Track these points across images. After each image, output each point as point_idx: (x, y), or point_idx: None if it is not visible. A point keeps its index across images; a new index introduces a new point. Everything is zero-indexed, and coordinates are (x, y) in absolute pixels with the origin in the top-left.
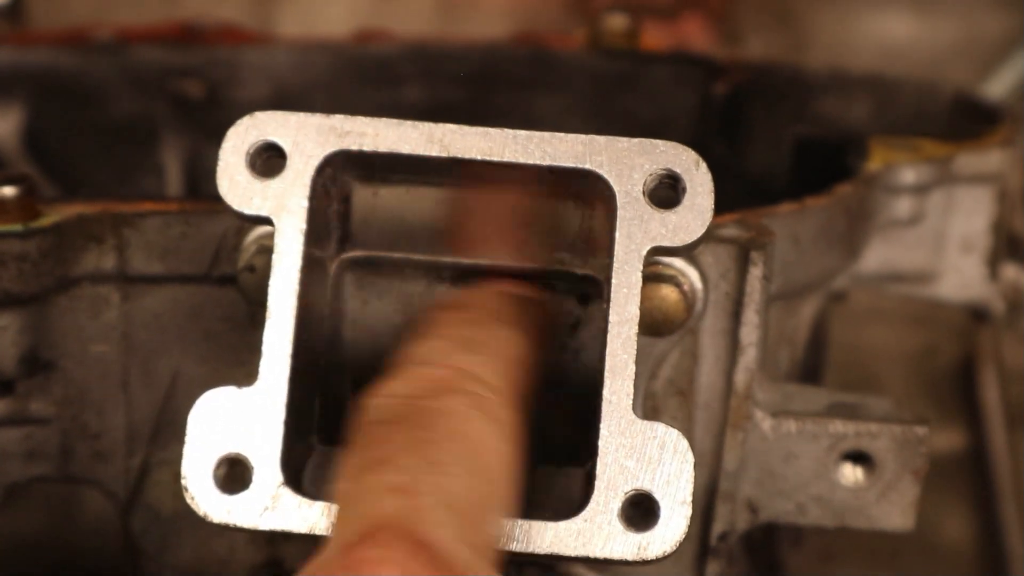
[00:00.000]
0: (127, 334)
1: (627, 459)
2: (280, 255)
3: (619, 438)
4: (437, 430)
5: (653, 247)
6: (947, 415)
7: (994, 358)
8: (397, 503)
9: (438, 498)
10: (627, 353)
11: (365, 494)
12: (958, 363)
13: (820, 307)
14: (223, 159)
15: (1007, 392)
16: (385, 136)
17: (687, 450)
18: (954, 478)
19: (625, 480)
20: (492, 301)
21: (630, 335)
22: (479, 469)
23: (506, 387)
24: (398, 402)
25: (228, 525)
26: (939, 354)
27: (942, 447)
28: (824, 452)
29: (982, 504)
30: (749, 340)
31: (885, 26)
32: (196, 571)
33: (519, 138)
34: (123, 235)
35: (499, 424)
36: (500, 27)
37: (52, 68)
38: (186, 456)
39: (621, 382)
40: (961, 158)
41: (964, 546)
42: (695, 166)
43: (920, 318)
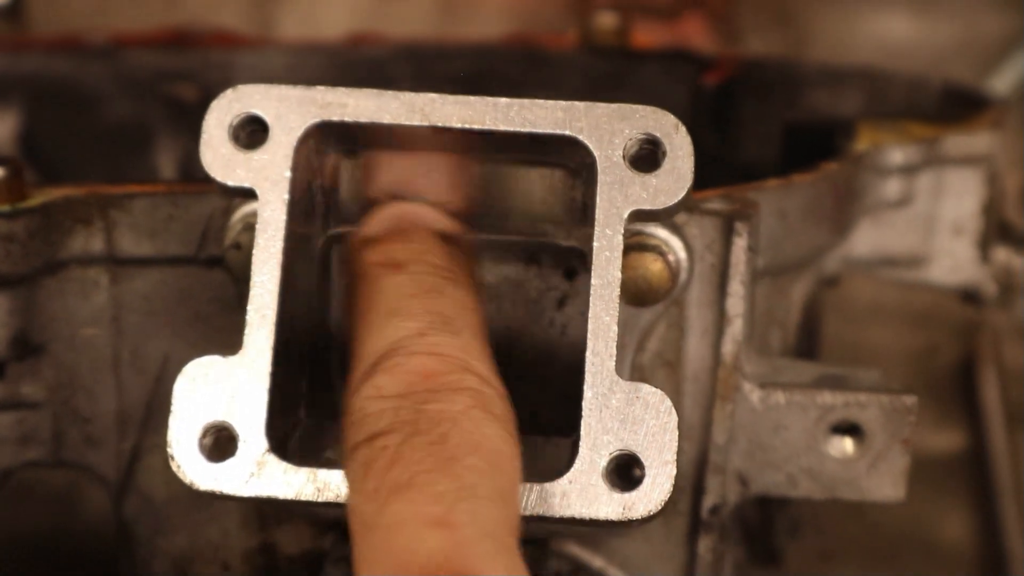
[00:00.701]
0: (117, 317)
1: (611, 420)
2: (263, 225)
3: (602, 399)
4: (452, 442)
5: (634, 211)
6: (947, 415)
7: (994, 358)
8: (440, 539)
9: (478, 528)
10: (609, 315)
11: (400, 528)
12: (958, 363)
13: (811, 290)
14: (206, 132)
15: (1007, 392)
16: (366, 106)
17: (671, 410)
18: (954, 478)
19: (609, 441)
20: (433, 252)
21: (612, 297)
22: (503, 484)
23: (493, 373)
24: (395, 405)
25: (214, 493)
26: (939, 354)
27: (942, 447)
28: (813, 423)
29: (982, 504)
30: (735, 311)
31: (885, 26)
32: (189, 557)
33: (499, 106)
34: (111, 217)
35: (503, 423)
36: (500, 27)
37: (47, 73)
38: (172, 425)
39: (604, 344)
40: (949, 139)
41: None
42: (675, 130)
43: (920, 318)
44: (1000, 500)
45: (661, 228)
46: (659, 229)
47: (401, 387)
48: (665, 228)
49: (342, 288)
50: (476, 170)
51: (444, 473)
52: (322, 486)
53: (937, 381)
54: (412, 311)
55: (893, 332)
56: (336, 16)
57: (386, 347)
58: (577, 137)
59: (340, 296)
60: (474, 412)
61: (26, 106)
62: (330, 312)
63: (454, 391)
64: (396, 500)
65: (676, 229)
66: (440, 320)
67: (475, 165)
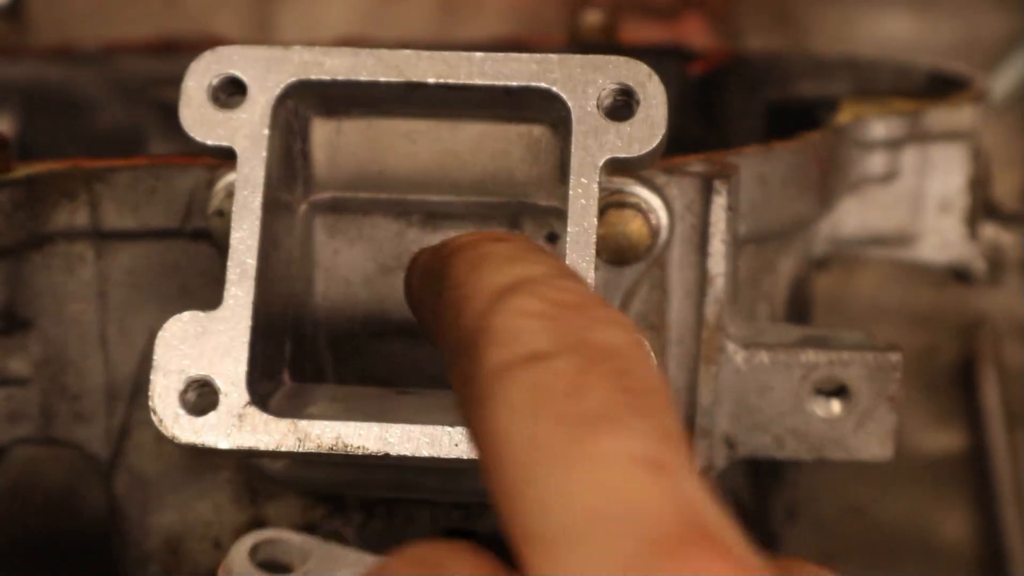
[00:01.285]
0: (103, 292)
1: None
2: (243, 182)
3: None
4: (634, 376)
5: (610, 159)
6: (947, 415)
7: (994, 358)
8: (662, 485)
9: (692, 476)
10: (586, 262)
11: (608, 464)
12: (958, 363)
13: (800, 269)
14: (185, 93)
15: (1007, 392)
16: (342, 64)
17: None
18: (954, 478)
19: None
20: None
21: (589, 244)
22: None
23: None
24: (552, 326)
25: (195, 445)
26: (939, 354)
27: (942, 447)
28: (797, 382)
29: (982, 504)
30: (717, 270)
31: (885, 26)
32: (180, 534)
33: (474, 60)
34: (95, 190)
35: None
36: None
37: (41, 79)
38: (153, 380)
39: None
40: (932, 113)
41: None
42: (648, 79)
43: (920, 318)
44: (1000, 500)
45: (641, 187)
46: (638, 187)
47: (551, 310)
48: (644, 187)
49: (328, 256)
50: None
51: (639, 411)
52: (303, 436)
53: (937, 381)
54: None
55: (893, 332)
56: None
57: (511, 281)
58: (551, 88)
59: (325, 265)
60: (640, 348)
61: (20, 111)
62: (315, 280)
63: (612, 324)
64: (598, 433)
65: (655, 188)
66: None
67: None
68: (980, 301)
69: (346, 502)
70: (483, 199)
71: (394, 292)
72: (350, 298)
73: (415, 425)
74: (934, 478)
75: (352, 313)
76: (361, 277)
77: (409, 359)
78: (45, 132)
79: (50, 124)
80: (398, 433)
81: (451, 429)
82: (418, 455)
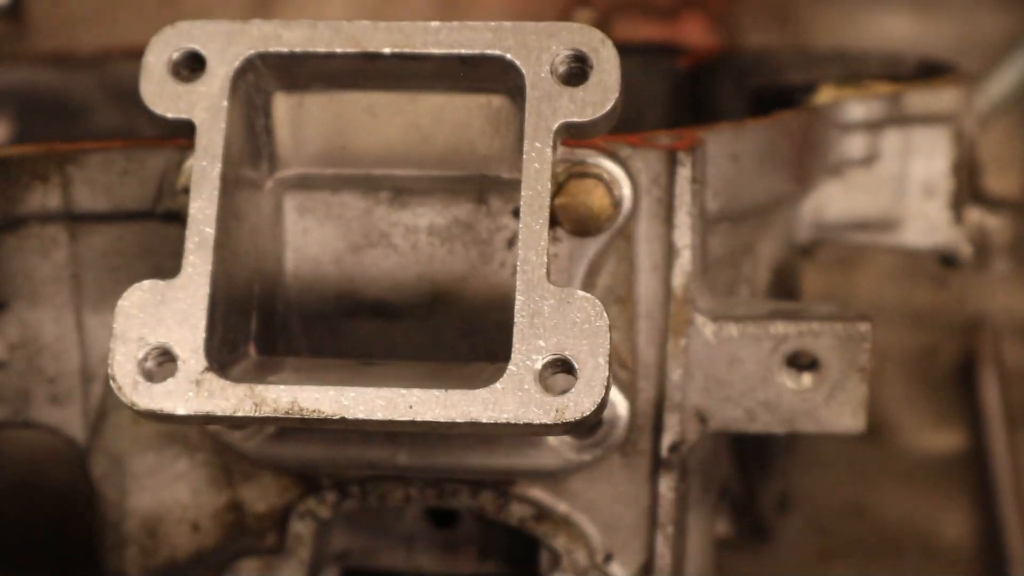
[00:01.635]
0: (77, 275)
1: (543, 325)
2: (201, 153)
3: (535, 305)
4: None
5: (563, 123)
6: (947, 415)
7: (994, 358)
8: None
9: None
10: (539, 224)
11: None
12: (958, 363)
13: (782, 253)
14: (146, 68)
15: (1007, 392)
16: (299, 36)
17: (602, 313)
18: (954, 478)
19: (541, 345)
20: None
21: (543, 206)
22: None
23: None
24: None
25: (154, 412)
26: (939, 354)
27: (942, 447)
28: (767, 354)
29: (982, 504)
30: (683, 243)
31: (885, 26)
32: (158, 516)
33: (430, 29)
34: (67, 172)
35: None
36: None
37: (37, 84)
38: (113, 348)
39: (535, 252)
40: (912, 96)
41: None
42: (601, 44)
43: (920, 318)
44: (1000, 500)
45: (603, 158)
46: (601, 158)
47: None
48: (607, 158)
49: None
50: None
51: None
52: (259, 401)
53: (937, 381)
54: None
55: (893, 332)
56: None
57: None
58: (505, 56)
59: (295, 243)
60: None
61: (17, 116)
62: (285, 258)
63: None
64: None
65: (619, 159)
66: None
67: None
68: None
69: (320, 482)
70: (448, 173)
71: (364, 271)
72: (320, 276)
73: (371, 388)
74: (934, 478)
75: (323, 291)
76: (331, 256)
77: (382, 337)
78: (41, 136)
79: (46, 128)
80: (353, 396)
81: (406, 392)
82: (372, 418)
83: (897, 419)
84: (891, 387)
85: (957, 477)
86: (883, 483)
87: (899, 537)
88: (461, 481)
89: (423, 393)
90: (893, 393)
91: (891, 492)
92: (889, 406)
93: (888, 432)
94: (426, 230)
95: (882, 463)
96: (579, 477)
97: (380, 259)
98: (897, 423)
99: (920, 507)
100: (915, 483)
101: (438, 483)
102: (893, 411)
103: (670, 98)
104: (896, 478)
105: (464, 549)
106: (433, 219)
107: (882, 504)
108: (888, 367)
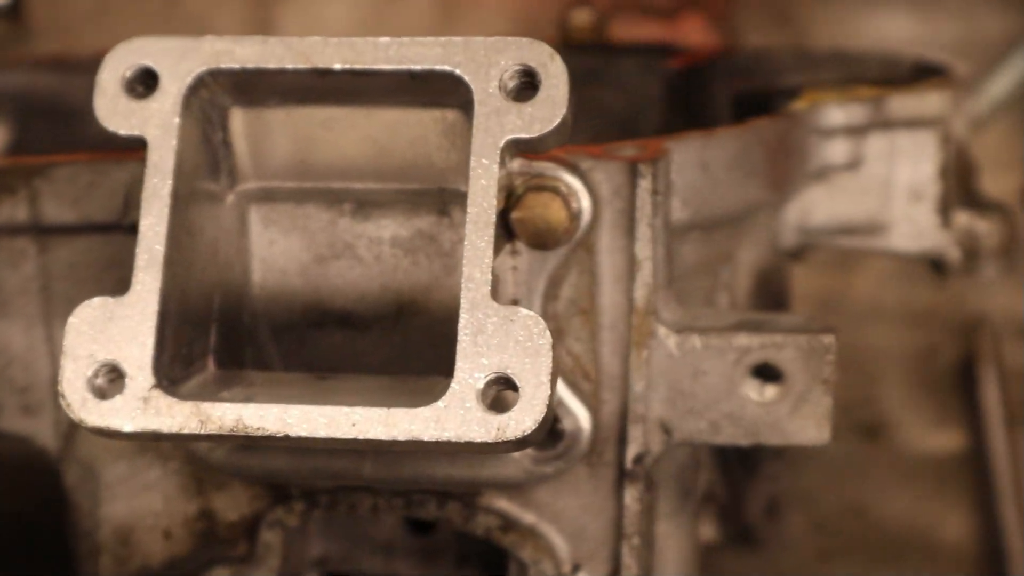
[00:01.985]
0: (46, 286)
1: (485, 343)
2: (152, 170)
3: (478, 323)
4: None
5: (511, 139)
6: (947, 415)
7: (994, 358)
8: None
9: None
10: (484, 242)
11: None
12: (958, 363)
13: (765, 258)
14: (100, 85)
15: (1007, 392)
16: (251, 52)
17: (545, 332)
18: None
19: (484, 363)
20: None
21: (488, 224)
22: None
23: None
24: None
25: (101, 429)
26: (939, 354)
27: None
28: (731, 367)
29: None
30: (644, 255)
31: (885, 26)
32: (131, 525)
33: (380, 45)
34: (34, 185)
35: None
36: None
37: (34, 87)
38: (63, 365)
39: (479, 270)
40: (895, 100)
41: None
42: (550, 59)
43: (920, 318)
44: (1000, 500)
45: (562, 170)
46: (560, 171)
47: None
48: (566, 170)
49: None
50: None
51: None
52: (205, 419)
53: (937, 381)
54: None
55: (893, 332)
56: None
57: None
58: (454, 71)
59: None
60: None
61: (14, 120)
62: (252, 270)
63: None
64: None
65: (578, 172)
66: None
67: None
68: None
69: (290, 491)
70: (408, 186)
71: (329, 282)
72: (287, 287)
73: (314, 406)
74: (934, 478)
75: (290, 302)
76: (297, 267)
77: (351, 348)
78: (39, 140)
79: (44, 132)
80: (297, 414)
81: (349, 410)
82: (315, 435)
83: (897, 419)
84: (891, 387)
85: (957, 477)
86: (883, 483)
87: (899, 537)
88: (428, 492)
89: (366, 411)
90: (893, 393)
91: (891, 492)
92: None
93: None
94: (389, 242)
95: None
96: (545, 488)
97: (345, 270)
98: (897, 423)
99: (920, 507)
100: (915, 483)
101: (406, 493)
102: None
103: (666, 100)
104: (896, 478)
105: (442, 555)
106: (396, 231)
107: (882, 504)
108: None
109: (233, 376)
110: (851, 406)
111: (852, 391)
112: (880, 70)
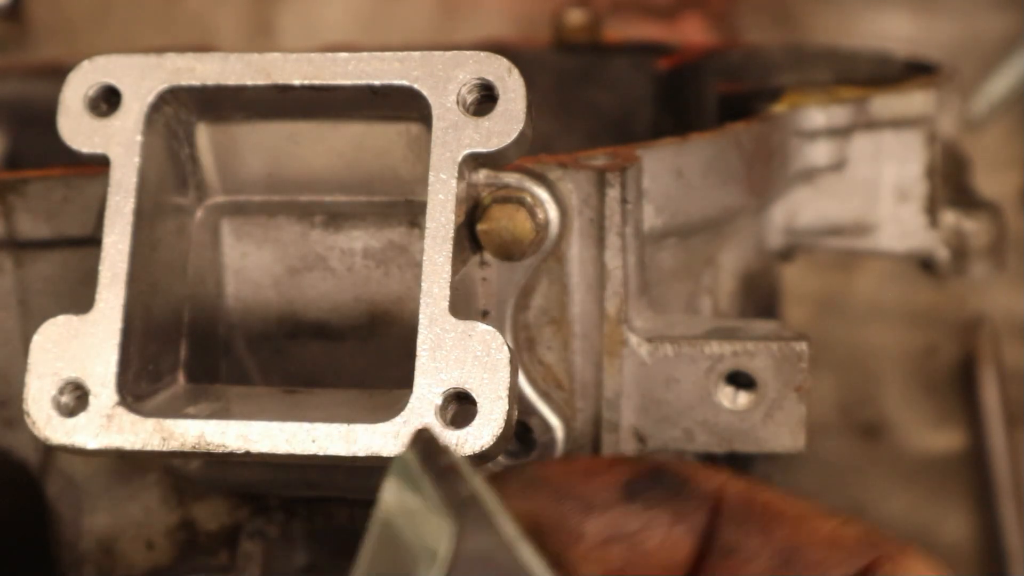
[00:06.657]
0: (24, 300)
1: (443, 359)
2: (115, 187)
3: (436, 338)
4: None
5: (469, 153)
6: (947, 415)
7: (994, 358)
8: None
9: None
10: (443, 257)
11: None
12: (958, 363)
13: (751, 261)
14: (63, 103)
15: (1007, 392)
16: (212, 69)
17: (503, 346)
18: (954, 478)
19: (442, 379)
20: None
21: (446, 237)
22: None
23: None
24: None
25: (65, 446)
26: (939, 354)
27: (942, 447)
28: (704, 374)
29: (982, 504)
30: (614, 264)
31: (885, 26)
32: (113, 535)
33: (339, 60)
34: (8, 201)
35: None
36: (500, 27)
37: (29, 96)
38: (27, 382)
39: (437, 285)
40: (878, 100)
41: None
42: (507, 73)
43: (920, 318)
44: (1000, 500)
45: (528, 181)
46: (526, 181)
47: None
48: (532, 181)
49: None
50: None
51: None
52: (167, 435)
53: (937, 381)
54: None
55: (893, 332)
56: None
57: None
58: (412, 86)
59: (234, 268)
60: None
61: (11, 129)
62: (225, 283)
63: None
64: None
65: (545, 182)
66: None
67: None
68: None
69: (269, 502)
70: (376, 198)
71: (302, 294)
72: (261, 299)
73: (275, 423)
74: (934, 478)
75: (265, 314)
76: (270, 279)
77: (327, 359)
78: (34, 148)
79: (39, 140)
80: (259, 430)
81: (309, 426)
82: (276, 452)
83: (897, 419)
84: (891, 387)
85: (957, 477)
86: (883, 483)
87: (899, 537)
88: None
89: (326, 427)
90: (893, 393)
91: (891, 492)
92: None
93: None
94: (361, 253)
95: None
96: None
97: (318, 281)
98: (897, 423)
99: (920, 507)
100: (915, 483)
101: None
102: (893, 411)
103: (658, 99)
104: (896, 478)
105: None
106: (367, 242)
107: (882, 504)
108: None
109: (202, 391)
110: (851, 406)
111: (852, 391)
112: (872, 68)
